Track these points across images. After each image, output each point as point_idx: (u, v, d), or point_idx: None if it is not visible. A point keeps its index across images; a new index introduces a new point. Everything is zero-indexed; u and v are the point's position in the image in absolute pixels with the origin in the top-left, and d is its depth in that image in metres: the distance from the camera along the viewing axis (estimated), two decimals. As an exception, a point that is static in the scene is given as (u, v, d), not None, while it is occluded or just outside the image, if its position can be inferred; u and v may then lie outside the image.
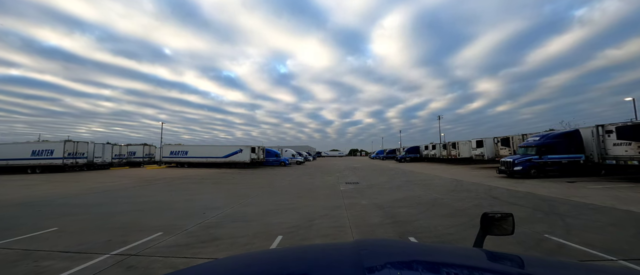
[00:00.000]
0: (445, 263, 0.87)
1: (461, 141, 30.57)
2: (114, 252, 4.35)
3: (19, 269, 3.80)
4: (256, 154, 30.50)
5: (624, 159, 12.56)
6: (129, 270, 3.73)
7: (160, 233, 5.36)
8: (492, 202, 8.32)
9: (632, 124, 12.69)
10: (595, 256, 3.94)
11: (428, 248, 1.17)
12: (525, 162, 14.85)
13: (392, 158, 51.92)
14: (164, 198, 10.05)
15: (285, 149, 42.13)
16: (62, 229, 5.82)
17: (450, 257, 0.96)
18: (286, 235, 5.22)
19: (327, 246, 1.12)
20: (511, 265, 0.87)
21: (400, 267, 0.79)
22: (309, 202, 8.70)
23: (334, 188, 12.20)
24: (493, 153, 24.93)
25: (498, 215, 1.37)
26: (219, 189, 12.64)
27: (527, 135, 19.86)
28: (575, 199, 8.36)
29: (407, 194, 10.05)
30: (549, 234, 4.91)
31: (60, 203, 9.11)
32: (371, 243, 1.10)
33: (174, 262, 4.01)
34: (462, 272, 0.79)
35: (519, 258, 0.87)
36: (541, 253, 4.15)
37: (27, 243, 4.89)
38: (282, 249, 1.33)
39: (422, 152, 41.32)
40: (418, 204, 8.06)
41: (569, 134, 15.83)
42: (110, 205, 8.58)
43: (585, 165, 14.87)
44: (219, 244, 4.75)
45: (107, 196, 10.53)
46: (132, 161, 34.79)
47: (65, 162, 24.50)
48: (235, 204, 8.47)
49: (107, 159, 29.70)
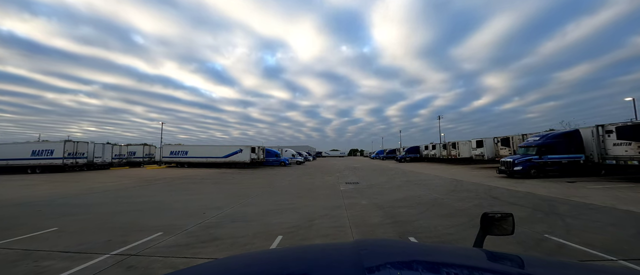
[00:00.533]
0: (445, 263, 0.87)
1: (461, 141, 30.59)
2: (114, 252, 4.35)
3: (19, 269, 3.80)
4: (256, 154, 30.51)
5: (624, 159, 12.57)
6: (129, 270, 3.73)
7: (160, 233, 5.36)
8: (492, 202, 8.32)
9: (632, 124, 12.69)
10: (595, 256, 3.94)
11: (428, 248, 1.17)
12: (525, 162, 14.85)
13: (392, 158, 51.95)
14: (164, 198, 10.05)
15: (285, 149, 42.14)
16: (62, 229, 5.82)
17: (450, 257, 0.96)
18: (286, 235, 5.22)
19: (327, 246, 1.12)
20: (511, 265, 0.87)
21: (400, 267, 0.79)
22: (309, 202, 8.70)
23: (334, 188, 12.19)
24: (493, 153, 24.94)
25: (498, 215, 1.37)
26: (219, 189, 12.64)
27: (527, 135, 19.87)
28: (575, 199, 8.36)
29: (407, 194, 10.05)
30: (549, 234, 4.91)
31: (60, 203, 9.10)
32: (371, 243, 1.10)
33: (174, 262, 4.01)
34: (462, 272, 0.79)
35: (519, 258, 0.87)
36: (541, 253, 4.15)
37: (27, 243, 4.89)
38: (282, 249, 1.33)
39: (422, 152, 41.35)
40: (418, 204, 8.05)
41: (569, 134, 15.84)
42: (110, 205, 8.58)
43: (585, 165, 14.88)
44: (219, 244, 4.75)
45: (107, 196, 10.53)
46: (132, 161, 34.81)
47: (65, 162, 24.51)
48: (235, 204, 8.47)
49: (107, 159, 29.71)
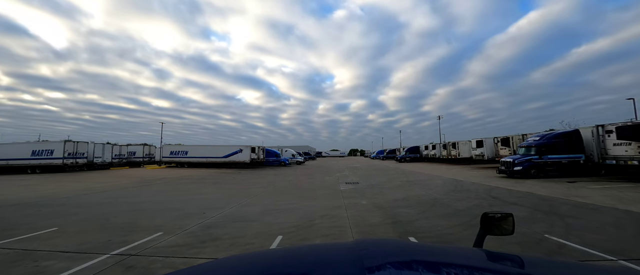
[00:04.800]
0: (445, 263, 0.87)
1: (461, 141, 30.60)
2: (114, 252, 4.35)
3: (19, 269, 3.80)
4: (256, 154, 30.50)
5: (624, 159, 12.56)
6: (129, 270, 3.73)
7: (160, 233, 5.36)
8: (492, 202, 8.32)
9: (632, 124, 12.69)
10: (595, 256, 3.94)
11: (428, 248, 1.17)
12: (525, 162, 14.85)
13: (392, 158, 51.94)
14: (164, 198, 10.04)
15: (285, 149, 42.15)
16: (62, 229, 5.82)
17: (450, 257, 0.96)
18: (286, 235, 5.22)
19: (327, 246, 1.12)
20: (511, 265, 0.87)
21: (400, 267, 0.79)
22: (309, 202, 8.70)
23: (334, 188, 12.19)
24: (493, 153, 24.95)
25: (498, 215, 1.37)
26: (219, 189, 12.64)
27: (527, 135, 19.88)
28: (575, 199, 8.35)
29: (407, 194, 10.04)
30: (549, 234, 4.91)
31: (60, 203, 9.10)
32: (371, 243, 1.09)
33: (174, 262, 4.01)
34: (462, 272, 0.79)
35: (519, 258, 0.87)
36: (541, 253, 4.14)
37: (27, 243, 4.89)
38: (282, 249, 1.33)
39: (422, 152, 41.36)
40: (418, 204, 8.05)
41: (569, 134, 15.83)
42: (110, 205, 8.57)
43: (585, 165, 14.87)
44: (219, 244, 4.75)
45: (107, 196, 10.52)
46: (132, 161, 34.79)
47: (65, 162, 24.51)
48: (235, 204, 8.46)
49: (107, 159, 29.70)
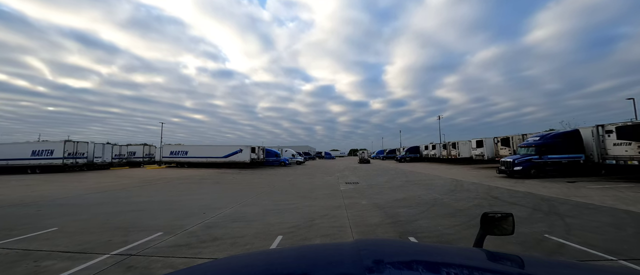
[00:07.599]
0: (445, 263, 0.87)
1: (461, 141, 30.59)
2: (114, 252, 4.35)
3: (19, 269, 3.80)
4: (256, 154, 30.50)
5: (624, 159, 12.56)
6: (129, 270, 3.73)
7: (160, 233, 5.36)
8: (492, 202, 8.32)
9: (632, 124, 12.68)
10: (595, 256, 3.94)
11: (428, 248, 1.16)
12: (525, 162, 14.85)
13: (392, 158, 51.94)
14: (164, 198, 10.04)
15: (285, 148, 42.15)
16: (62, 229, 5.82)
17: (450, 257, 0.96)
18: (286, 235, 5.22)
19: (327, 246, 1.12)
20: (511, 265, 0.87)
21: (400, 267, 0.79)
22: (309, 202, 8.70)
23: (334, 188, 12.19)
24: (493, 153, 24.93)
25: (498, 215, 1.37)
26: (219, 189, 12.64)
27: (527, 135, 19.89)
28: (575, 198, 8.35)
29: (407, 194, 10.04)
30: (549, 234, 4.91)
31: (60, 203, 9.10)
32: (371, 243, 1.09)
33: (174, 262, 4.01)
34: (462, 272, 0.79)
35: (519, 258, 0.87)
36: (541, 253, 4.15)
37: (27, 243, 4.89)
38: (282, 249, 1.33)
39: (422, 152, 41.33)
40: (418, 204, 8.05)
41: (569, 134, 15.84)
42: (110, 205, 8.57)
43: (585, 165, 14.87)
44: (219, 244, 4.75)
45: (107, 196, 10.53)
46: (132, 161, 34.79)
47: (65, 162, 24.51)
48: (235, 204, 8.46)
49: (107, 159, 29.70)
